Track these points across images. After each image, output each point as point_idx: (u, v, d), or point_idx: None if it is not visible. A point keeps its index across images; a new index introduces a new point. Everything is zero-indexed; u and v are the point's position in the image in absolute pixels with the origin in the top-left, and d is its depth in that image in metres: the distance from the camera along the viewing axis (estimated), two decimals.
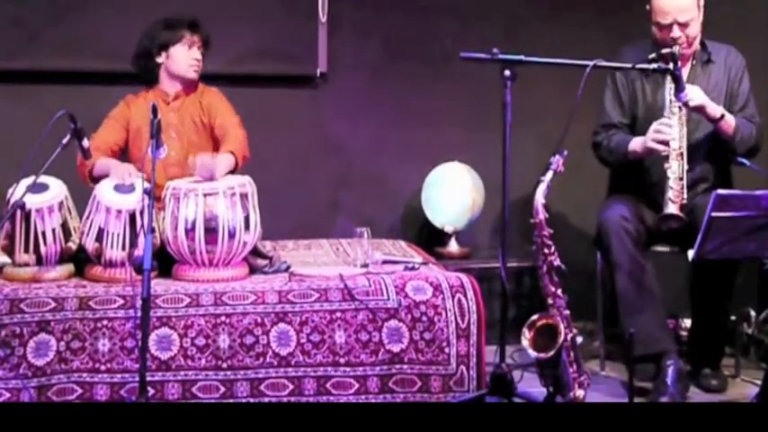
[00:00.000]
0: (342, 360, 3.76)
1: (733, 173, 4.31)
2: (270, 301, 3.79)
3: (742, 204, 3.51)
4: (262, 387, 3.73)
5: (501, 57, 3.71)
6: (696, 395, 4.15)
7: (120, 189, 3.94)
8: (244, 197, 3.96)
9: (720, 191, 3.53)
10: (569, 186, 4.17)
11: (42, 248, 3.87)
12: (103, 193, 3.93)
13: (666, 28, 4.10)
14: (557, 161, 3.64)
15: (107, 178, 4.02)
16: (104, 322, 3.70)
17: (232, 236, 3.90)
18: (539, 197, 3.65)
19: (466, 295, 3.88)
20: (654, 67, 3.86)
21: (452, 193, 4.92)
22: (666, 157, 4.01)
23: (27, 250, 3.88)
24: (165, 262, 3.92)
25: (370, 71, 5.14)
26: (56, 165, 3.64)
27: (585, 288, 4.52)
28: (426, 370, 3.81)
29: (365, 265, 4.10)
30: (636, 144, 4.17)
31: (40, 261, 3.90)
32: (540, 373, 3.68)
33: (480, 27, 5.08)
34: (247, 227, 3.95)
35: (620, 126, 4.28)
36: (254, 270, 4.08)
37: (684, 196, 3.99)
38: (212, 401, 3.68)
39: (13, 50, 4.80)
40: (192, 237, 3.88)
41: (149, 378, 3.50)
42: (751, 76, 4.27)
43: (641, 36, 4.26)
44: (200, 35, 4.26)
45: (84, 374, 3.66)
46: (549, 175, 3.64)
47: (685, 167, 4.02)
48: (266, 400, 3.71)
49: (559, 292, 3.67)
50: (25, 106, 4.78)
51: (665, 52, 3.89)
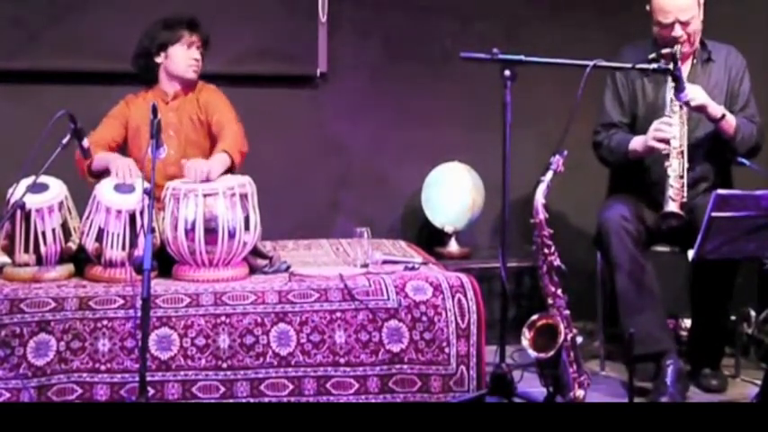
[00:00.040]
0: (342, 360, 3.76)
1: (733, 173, 4.30)
2: (270, 301, 3.79)
3: (742, 204, 3.51)
4: (262, 387, 3.72)
5: (501, 57, 3.71)
6: (696, 395, 4.14)
7: (120, 189, 3.94)
8: (243, 197, 3.95)
9: (720, 191, 3.53)
10: (569, 186, 4.17)
11: (42, 248, 3.87)
12: (103, 193, 3.93)
13: (668, 27, 4.10)
14: (557, 161, 3.64)
15: (107, 178, 4.02)
16: (104, 322, 3.69)
17: (232, 236, 3.89)
18: (539, 197, 3.65)
19: (466, 295, 3.87)
20: (654, 66, 3.86)
21: (452, 193, 4.91)
22: (667, 156, 4.00)
23: (27, 250, 3.87)
24: (165, 262, 3.92)
25: (370, 71, 5.14)
26: (56, 165, 3.64)
27: (585, 288, 4.51)
28: (426, 370, 3.80)
29: (365, 265, 4.10)
30: (636, 143, 4.17)
31: (40, 261, 3.90)
32: (540, 373, 3.68)
33: (480, 27, 5.08)
34: (247, 227, 3.94)
35: (620, 125, 4.28)
36: (254, 270, 4.07)
37: (685, 195, 3.98)
38: (212, 401, 3.67)
39: (13, 50, 4.80)
40: (192, 237, 3.87)
41: (149, 378, 3.49)
42: (751, 76, 4.27)
43: (641, 36, 4.26)
44: (199, 35, 4.26)
45: (84, 374, 3.65)
46: (549, 175, 3.64)
47: (686, 166, 4.01)
48: (266, 400, 3.70)
49: (559, 292, 3.66)
50: (25, 106, 4.78)
51: (665, 52, 3.89)
